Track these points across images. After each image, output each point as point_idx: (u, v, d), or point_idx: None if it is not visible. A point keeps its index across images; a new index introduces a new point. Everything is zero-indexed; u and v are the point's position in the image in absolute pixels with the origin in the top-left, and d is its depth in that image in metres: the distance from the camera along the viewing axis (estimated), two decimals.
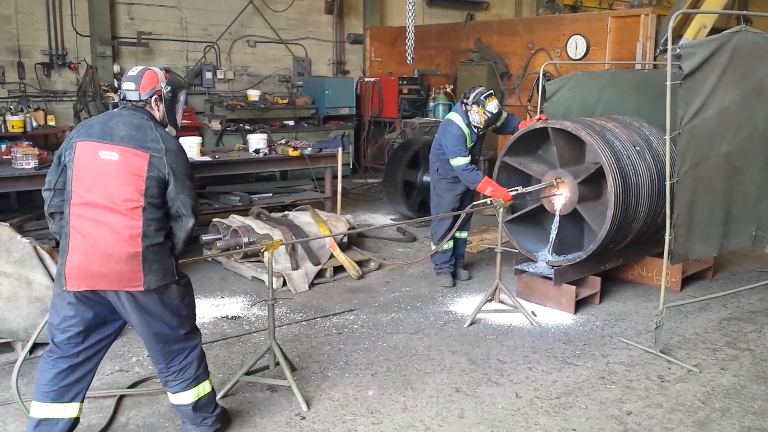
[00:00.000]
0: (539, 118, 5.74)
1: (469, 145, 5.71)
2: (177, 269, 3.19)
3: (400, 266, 6.54)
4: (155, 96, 3.22)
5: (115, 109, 3.25)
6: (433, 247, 6.11)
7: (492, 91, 5.72)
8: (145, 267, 3.00)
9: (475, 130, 5.74)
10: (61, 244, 3.08)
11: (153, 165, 3.03)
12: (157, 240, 3.05)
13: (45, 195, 3.19)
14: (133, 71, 3.26)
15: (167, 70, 3.33)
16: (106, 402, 3.84)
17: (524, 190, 5.54)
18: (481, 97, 5.58)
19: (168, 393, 3.37)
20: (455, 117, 5.73)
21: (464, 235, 6.26)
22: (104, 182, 3.00)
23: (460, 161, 5.61)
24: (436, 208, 6.13)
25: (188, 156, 3.35)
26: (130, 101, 3.20)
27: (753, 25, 12.01)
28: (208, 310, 5.33)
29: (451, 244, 5.99)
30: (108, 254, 2.96)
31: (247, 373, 4.00)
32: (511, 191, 5.46)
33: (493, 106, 5.59)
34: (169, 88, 3.26)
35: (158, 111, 3.25)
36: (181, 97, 3.36)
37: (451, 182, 5.93)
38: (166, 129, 3.24)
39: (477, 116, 5.64)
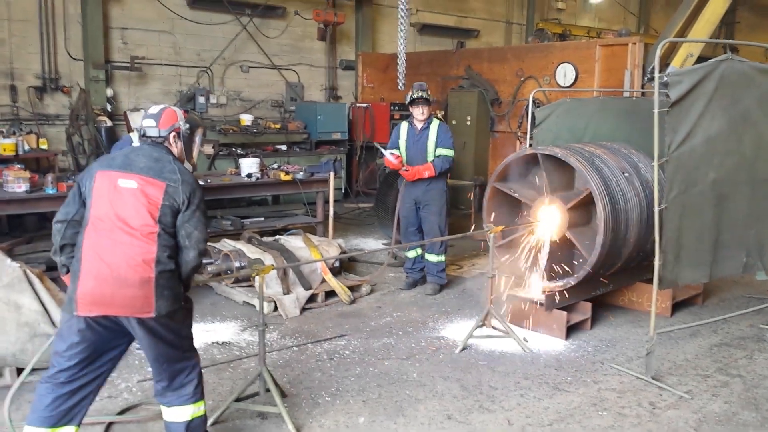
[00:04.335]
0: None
1: (403, 141, 6.50)
2: (184, 294, 3.25)
3: (373, 279, 6.56)
4: (173, 133, 3.39)
5: (136, 144, 3.42)
6: (405, 254, 6.86)
7: (422, 95, 6.31)
8: (157, 292, 3.05)
9: (416, 129, 6.41)
10: (72, 269, 3.11)
11: (168, 194, 3.14)
12: (169, 267, 3.11)
13: (57, 227, 3.22)
14: (153, 109, 3.44)
15: (185, 111, 3.53)
16: (95, 429, 3.79)
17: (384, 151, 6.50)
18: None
19: (163, 409, 3.36)
20: (404, 122, 6.65)
21: (434, 258, 6.53)
22: (121, 207, 3.10)
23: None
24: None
25: None
26: (150, 137, 3.36)
27: (739, 53, 12.22)
28: (198, 335, 5.25)
29: (413, 254, 6.69)
30: (122, 279, 2.99)
31: (237, 400, 3.97)
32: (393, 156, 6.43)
33: (414, 91, 6.33)
34: (188, 126, 3.44)
35: (176, 147, 3.41)
36: (198, 136, 3.54)
37: (402, 188, 6.59)
38: (184, 165, 3.39)
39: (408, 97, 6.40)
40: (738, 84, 4.83)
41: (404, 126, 6.58)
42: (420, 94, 6.30)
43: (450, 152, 6.39)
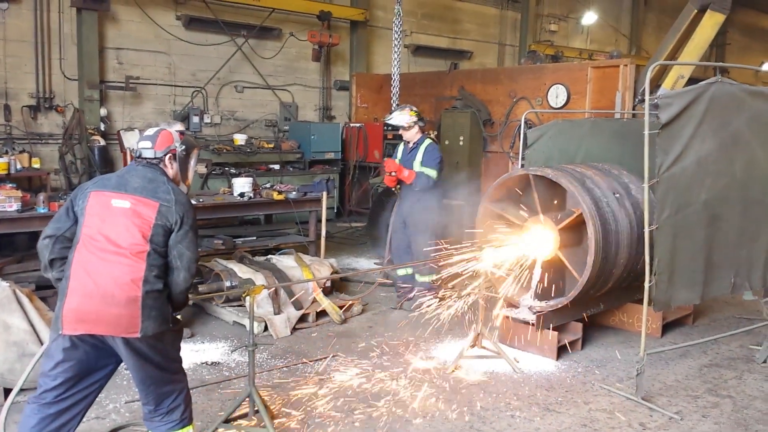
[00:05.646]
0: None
1: (398, 155, 6.71)
2: (172, 316, 3.23)
3: (364, 299, 6.55)
4: (169, 154, 3.39)
5: (132, 165, 3.40)
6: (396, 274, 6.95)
7: (407, 109, 6.56)
8: (143, 313, 3.02)
9: (408, 147, 6.60)
10: (60, 286, 3.09)
11: (161, 213, 3.14)
12: (157, 287, 3.09)
13: (45, 242, 3.19)
14: (150, 131, 3.44)
15: (181, 132, 3.55)
16: None
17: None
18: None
19: None
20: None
21: (424, 279, 6.59)
22: (113, 226, 3.09)
23: None
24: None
25: None
26: (146, 158, 3.36)
27: (729, 75, 12.35)
28: (187, 355, 5.25)
29: (403, 272, 6.73)
30: (108, 296, 2.98)
31: (226, 421, 3.95)
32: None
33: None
34: (183, 147, 3.44)
35: (171, 168, 3.41)
36: (193, 158, 3.53)
37: (395, 207, 6.73)
38: (179, 186, 3.39)
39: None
40: (728, 106, 4.87)
41: (401, 145, 6.84)
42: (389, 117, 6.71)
43: (431, 172, 6.40)
